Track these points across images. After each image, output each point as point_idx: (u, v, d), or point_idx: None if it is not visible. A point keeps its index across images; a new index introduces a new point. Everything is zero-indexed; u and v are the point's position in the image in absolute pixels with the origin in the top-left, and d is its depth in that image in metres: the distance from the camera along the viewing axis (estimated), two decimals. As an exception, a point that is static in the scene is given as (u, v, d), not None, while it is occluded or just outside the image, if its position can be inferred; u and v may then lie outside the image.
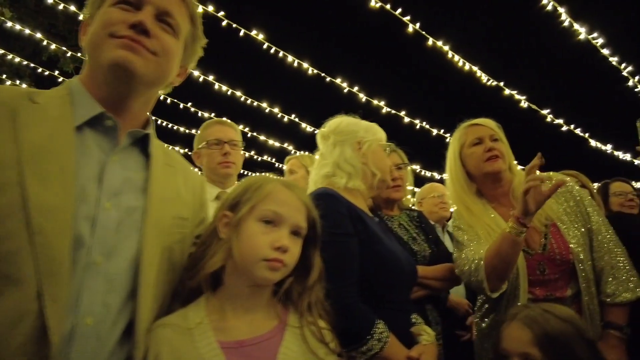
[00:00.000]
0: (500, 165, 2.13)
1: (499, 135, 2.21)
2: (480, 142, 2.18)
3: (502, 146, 2.19)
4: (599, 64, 5.77)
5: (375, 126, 2.05)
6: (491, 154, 2.13)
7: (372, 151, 1.96)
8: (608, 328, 1.94)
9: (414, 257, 2.35)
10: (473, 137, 2.21)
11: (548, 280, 1.99)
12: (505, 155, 2.17)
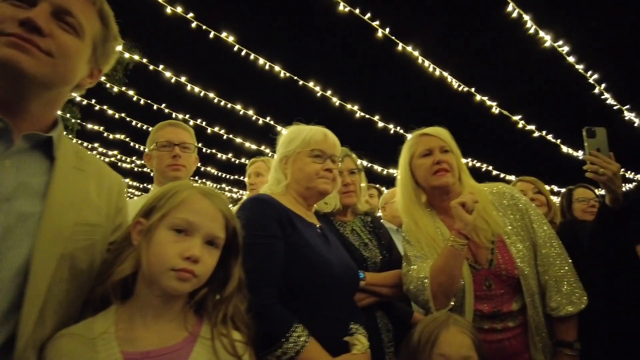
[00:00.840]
0: (448, 179, 2.11)
1: (450, 146, 2.18)
2: (430, 154, 2.15)
3: (452, 158, 2.16)
4: (566, 72, 5.87)
5: (304, 132, 2.01)
6: (439, 167, 2.11)
7: (293, 162, 1.97)
8: (558, 346, 1.95)
9: (364, 263, 2.33)
10: (423, 147, 2.18)
11: (494, 295, 1.99)
12: (455, 167, 2.15)
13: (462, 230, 1.84)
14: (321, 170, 1.94)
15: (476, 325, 1.98)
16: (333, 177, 1.98)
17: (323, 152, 1.97)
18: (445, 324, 1.51)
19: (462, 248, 1.84)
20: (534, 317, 1.96)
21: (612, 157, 2.00)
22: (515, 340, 1.97)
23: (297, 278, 1.62)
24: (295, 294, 1.61)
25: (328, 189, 1.98)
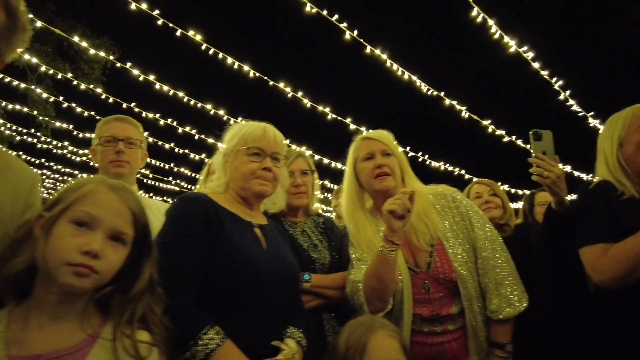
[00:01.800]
0: (389, 183, 2.10)
1: (392, 150, 2.17)
2: (372, 157, 2.14)
3: (394, 162, 2.15)
4: (532, 77, 5.96)
5: (244, 128, 1.95)
6: (380, 171, 2.10)
7: (232, 160, 1.91)
8: (491, 347, 1.95)
9: (312, 265, 2.30)
10: (365, 151, 2.17)
11: (433, 298, 1.98)
12: (397, 171, 2.14)
13: (389, 237, 1.83)
14: (258, 169, 1.86)
15: (416, 328, 1.97)
16: (273, 176, 1.91)
17: (262, 150, 1.89)
18: (372, 329, 1.44)
19: (390, 253, 1.83)
20: (472, 322, 1.96)
21: (557, 161, 2.01)
22: (456, 343, 1.96)
23: (220, 278, 1.57)
24: (219, 295, 1.55)
25: (264, 190, 1.89)
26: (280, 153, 1.97)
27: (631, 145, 1.91)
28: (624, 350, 1.78)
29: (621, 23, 5.15)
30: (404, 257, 2.05)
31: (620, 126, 1.96)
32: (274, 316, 1.66)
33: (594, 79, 4.24)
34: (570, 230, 2.00)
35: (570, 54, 6.27)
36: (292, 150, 2.65)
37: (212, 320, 1.48)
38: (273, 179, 1.91)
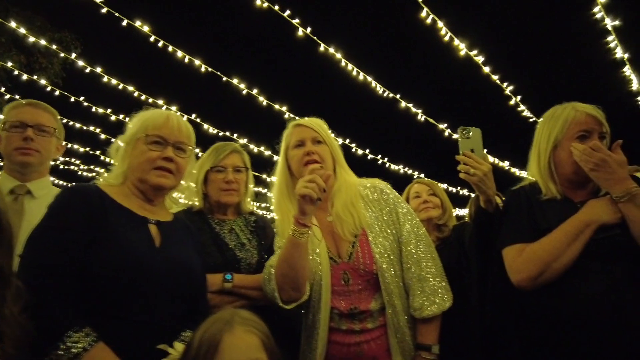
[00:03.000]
0: None
1: (324, 138, 2.11)
2: (302, 145, 2.07)
3: (325, 150, 2.09)
4: (484, 81, 6.03)
5: (146, 115, 1.79)
6: (309, 158, 2.03)
7: (132, 149, 1.73)
8: (417, 349, 1.90)
9: (237, 264, 2.20)
10: (296, 138, 2.10)
11: (352, 291, 1.92)
12: (327, 159, 2.07)
13: (299, 220, 1.78)
14: (157, 159, 1.68)
15: (334, 326, 1.91)
16: (176, 168, 1.73)
17: (163, 138, 1.71)
18: (229, 324, 1.28)
19: (301, 237, 1.79)
20: (393, 318, 1.89)
21: (486, 159, 1.97)
22: (375, 344, 1.89)
23: (100, 277, 1.42)
24: (99, 295, 1.41)
25: (162, 182, 1.70)
26: (186, 143, 1.79)
27: (565, 152, 1.89)
28: (539, 351, 1.76)
29: (572, 30, 5.29)
30: (327, 246, 2.00)
31: (559, 127, 1.92)
32: (165, 319, 1.51)
33: (544, 84, 4.30)
34: (498, 229, 1.97)
35: (521, 59, 6.39)
36: (227, 144, 2.53)
37: (82, 322, 1.33)
38: (176, 170, 1.74)
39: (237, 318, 1.31)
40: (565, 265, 1.70)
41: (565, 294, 1.70)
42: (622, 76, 5.75)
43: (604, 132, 1.89)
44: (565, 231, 1.74)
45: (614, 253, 1.71)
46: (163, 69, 6.21)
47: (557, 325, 1.71)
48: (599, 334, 1.61)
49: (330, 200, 2.07)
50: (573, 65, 5.94)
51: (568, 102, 2.00)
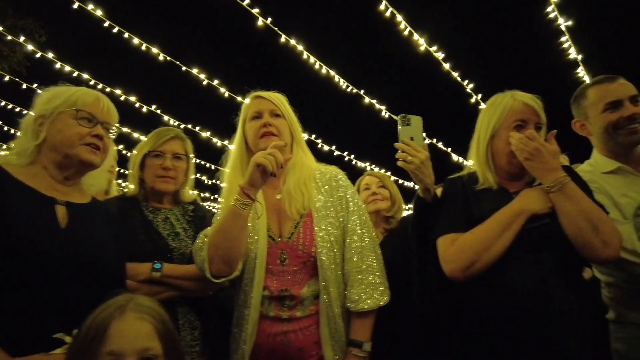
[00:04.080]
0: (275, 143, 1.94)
1: (282, 111, 2.04)
2: (260, 117, 2.00)
3: (284, 124, 2.02)
4: (445, 79, 6.07)
5: (71, 91, 1.70)
6: (266, 130, 1.96)
7: (51, 123, 1.62)
8: (349, 345, 1.84)
9: (169, 254, 2.11)
10: (253, 110, 2.02)
11: (286, 271, 1.85)
12: (285, 134, 2.01)
13: (246, 190, 1.75)
14: (88, 135, 1.62)
15: (263, 312, 1.83)
16: (103, 147, 1.67)
17: (93, 116, 1.65)
18: (121, 310, 1.19)
19: (243, 208, 1.76)
20: (328, 306, 1.83)
21: (425, 148, 1.94)
22: (303, 334, 1.82)
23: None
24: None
25: (93, 159, 1.64)
26: (112, 126, 1.74)
27: (502, 141, 1.87)
28: (474, 342, 1.74)
29: (528, 29, 5.37)
30: (268, 224, 1.93)
31: (497, 116, 1.91)
32: (67, 305, 1.41)
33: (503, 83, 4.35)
34: (435, 219, 1.95)
35: (481, 57, 6.46)
36: (170, 129, 2.42)
37: None
38: (102, 150, 1.68)
39: (132, 304, 1.22)
40: (496, 255, 1.68)
41: (496, 284, 1.69)
42: (577, 77, 5.88)
43: (541, 122, 1.88)
44: (497, 220, 1.72)
45: (544, 242, 1.71)
46: (119, 56, 5.98)
47: (489, 315, 1.69)
48: (528, 323, 1.61)
49: (282, 177, 2.02)
50: (531, 65, 6.05)
51: (510, 91, 2.00)
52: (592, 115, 2.17)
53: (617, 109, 2.09)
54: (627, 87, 2.13)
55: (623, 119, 2.07)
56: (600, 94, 2.15)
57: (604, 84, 2.17)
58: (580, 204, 1.66)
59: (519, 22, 5.20)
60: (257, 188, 1.78)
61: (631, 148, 2.12)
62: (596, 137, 2.20)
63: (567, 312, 1.62)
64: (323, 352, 1.81)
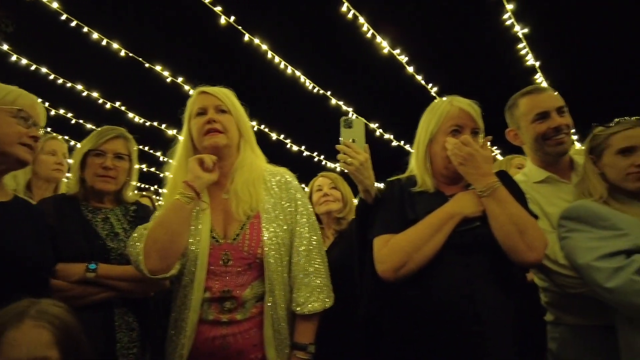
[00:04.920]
0: (219, 140, 1.91)
1: (229, 107, 1.98)
2: (204, 113, 1.94)
3: (230, 120, 1.96)
4: (409, 82, 6.13)
5: (7, 89, 1.69)
6: (210, 126, 1.90)
7: None
8: (293, 349, 1.85)
9: (107, 254, 2.07)
10: (198, 106, 1.97)
11: (229, 272, 1.82)
12: (231, 130, 1.95)
13: (190, 183, 1.78)
14: (25, 136, 1.64)
15: (202, 315, 1.80)
16: (36, 147, 1.70)
17: (30, 116, 1.68)
18: (19, 317, 1.15)
19: (187, 201, 1.77)
20: (273, 308, 1.82)
21: (366, 150, 1.96)
22: (242, 337, 1.81)
23: None
24: None
25: (29, 159, 1.68)
26: (40, 129, 1.77)
27: (439, 146, 1.90)
28: (405, 343, 1.76)
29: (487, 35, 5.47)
30: (212, 224, 1.90)
31: (435, 121, 1.93)
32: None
33: (466, 88, 4.43)
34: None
35: (443, 61, 6.55)
36: (113, 129, 2.37)
37: None
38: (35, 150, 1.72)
39: (32, 311, 1.18)
40: (427, 256, 1.70)
41: (426, 285, 1.71)
42: (536, 83, 6.03)
43: (477, 127, 1.92)
44: (430, 223, 1.75)
45: (474, 245, 1.74)
46: (78, 51, 5.81)
47: (418, 316, 1.72)
48: (453, 324, 1.64)
49: (230, 176, 1.98)
50: (493, 70, 6.17)
51: (450, 96, 2.03)
52: (523, 125, 2.23)
53: (545, 119, 2.15)
54: (555, 99, 2.20)
55: (550, 130, 2.12)
56: (530, 105, 2.20)
57: (533, 94, 2.23)
58: (508, 208, 1.70)
59: (479, 28, 5.30)
60: (202, 181, 1.79)
61: (559, 158, 2.19)
62: (528, 146, 2.27)
63: (492, 314, 1.65)
64: (266, 354, 1.80)
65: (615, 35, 6.01)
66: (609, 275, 1.60)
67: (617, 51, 6.31)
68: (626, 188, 1.81)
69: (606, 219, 1.74)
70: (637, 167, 1.76)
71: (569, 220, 1.85)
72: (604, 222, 1.74)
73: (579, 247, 1.74)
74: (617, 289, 1.57)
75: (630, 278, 1.55)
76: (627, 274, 1.56)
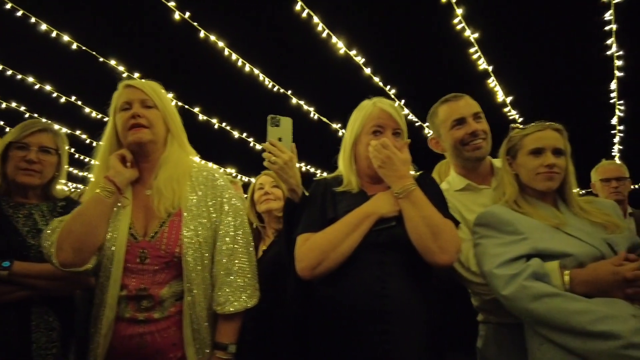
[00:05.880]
0: (143, 135, 1.87)
1: (156, 101, 1.93)
2: (129, 107, 1.90)
3: (156, 115, 1.92)
4: (367, 83, 6.17)
5: None
6: (135, 121, 1.86)
7: None
8: (214, 348, 1.82)
9: (25, 251, 2.00)
10: (123, 100, 1.91)
11: (146, 270, 1.79)
12: (157, 125, 1.91)
13: (111, 177, 1.77)
14: None
15: (119, 314, 1.77)
16: None
17: None
18: None
19: (107, 196, 1.76)
20: (192, 308, 1.80)
21: (293, 149, 1.96)
22: (160, 336, 1.77)
23: None
24: None
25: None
26: None
27: (363, 146, 1.93)
28: (321, 341, 1.77)
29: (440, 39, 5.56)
30: (132, 221, 1.86)
31: (359, 121, 1.96)
32: None
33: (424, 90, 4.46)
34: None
35: (401, 63, 6.62)
36: (38, 122, 2.31)
37: None
38: None
39: None
40: (343, 255, 1.72)
41: (340, 283, 1.73)
42: (490, 87, 6.18)
43: (399, 128, 1.95)
44: (347, 222, 1.77)
45: (389, 244, 1.76)
46: (27, 43, 5.59)
47: (332, 314, 1.73)
48: (363, 322, 1.66)
49: (155, 172, 1.94)
50: (448, 73, 6.28)
51: (377, 97, 2.06)
52: (443, 132, 2.29)
53: (462, 125, 2.21)
54: (471, 105, 2.26)
55: (467, 135, 2.18)
56: (447, 112, 2.27)
57: (451, 102, 2.29)
58: (423, 210, 1.73)
59: (433, 32, 5.38)
60: (123, 176, 1.79)
61: (477, 163, 2.25)
62: (449, 153, 2.33)
63: (401, 313, 1.67)
64: (185, 353, 1.78)
65: (565, 39, 6.21)
66: (505, 283, 1.64)
67: (567, 55, 6.53)
68: (536, 188, 1.86)
69: (509, 223, 1.79)
70: (546, 167, 1.82)
71: (480, 226, 1.90)
72: (508, 227, 1.79)
73: (486, 254, 1.78)
74: (510, 295, 1.62)
75: (522, 284, 1.59)
76: (520, 281, 1.60)
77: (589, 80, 6.68)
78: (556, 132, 1.89)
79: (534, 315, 1.58)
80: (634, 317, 1.47)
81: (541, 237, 1.71)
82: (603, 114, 7.93)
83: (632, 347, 1.36)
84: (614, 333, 1.39)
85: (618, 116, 7.78)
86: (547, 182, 1.83)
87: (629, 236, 1.76)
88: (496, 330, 2.03)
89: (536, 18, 5.83)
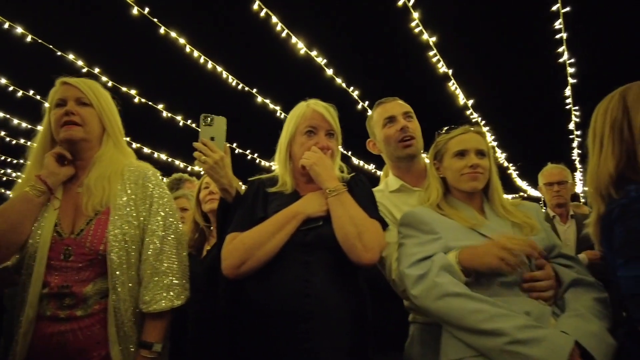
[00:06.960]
0: (74, 133, 1.86)
1: (91, 99, 1.92)
2: (63, 104, 1.88)
3: (90, 113, 1.91)
4: (329, 84, 6.18)
5: None
6: (67, 118, 1.85)
7: None
8: (139, 347, 1.80)
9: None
10: (58, 97, 1.90)
11: (70, 267, 1.77)
12: (91, 123, 1.90)
13: (44, 177, 1.77)
14: None
15: (41, 312, 1.74)
16: None
17: None
18: None
19: (36, 195, 1.77)
20: (116, 306, 1.78)
21: (225, 149, 1.97)
22: (83, 334, 1.74)
23: None
24: None
25: None
26: None
27: (297, 146, 1.96)
28: (245, 340, 1.77)
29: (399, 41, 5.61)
30: (59, 218, 1.84)
31: (294, 122, 1.99)
32: None
33: (389, 91, 4.50)
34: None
35: (364, 66, 6.68)
36: None
37: None
38: None
39: None
40: (267, 254, 1.72)
41: (264, 283, 1.74)
42: (451, 90, 6.29)
43: (332, 130, 1.98)
44: (274, 221, 1.78)
45: (316, 244, 1.78)
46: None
47: (255, 314, 1.73)
48: (285, 322, 1.67)
49: (87, 170, 1.93)
50: (410, 75, 6.35)
51: (312, 99, 2.09)
52: (377, 132, 2.36)
53: (393, 123, 2.28)
54: (402, 105, 2.36)
55: (398, 132, 2.25)
56: (380, 113, 2.36)
57: (383, 104, 2.39)
58: (349, 210, 1.76)
59: (393, 34, 5.43)
60: (57, 175, 1.79)
61: (410, 163, 2.31)
62: (384, 153, 2.39)
63: (324, 313, 1.68)
64: (110, 351, 1.75)
65: (523, 46, 6.36)
66: (414, 282, 1.68)
67: (525, 62, 6.69)
68: (462, 189, 1.91)
69: (427, 223, 1.84)
70: (470, 167, 1.88)
71: (402, 226, 1.94)
72: (425, 227, 1.84)
73: (404, 254, 1.82)
74: (418, 294, 1.65)
75: (434, 281, 1.63)
76: (432, 277, 1.64)
77: (547, 87, 6.87)
78: (478, 134, 1.96)
79: (437, 314, 1.63)
80: (528, 313, 1.54)
81: (454, 237, 1.76)
82: (560, 120, 8.16)
83: (516, 342, 1.43)
84: (500, 330, 1.46)
85: (575, 121, 8.02)
86: (472, 182, 1.88)
87: (544, 237, 1.82)
88: (422, 330, 2.07)
89: (493, 24, 5.96)
